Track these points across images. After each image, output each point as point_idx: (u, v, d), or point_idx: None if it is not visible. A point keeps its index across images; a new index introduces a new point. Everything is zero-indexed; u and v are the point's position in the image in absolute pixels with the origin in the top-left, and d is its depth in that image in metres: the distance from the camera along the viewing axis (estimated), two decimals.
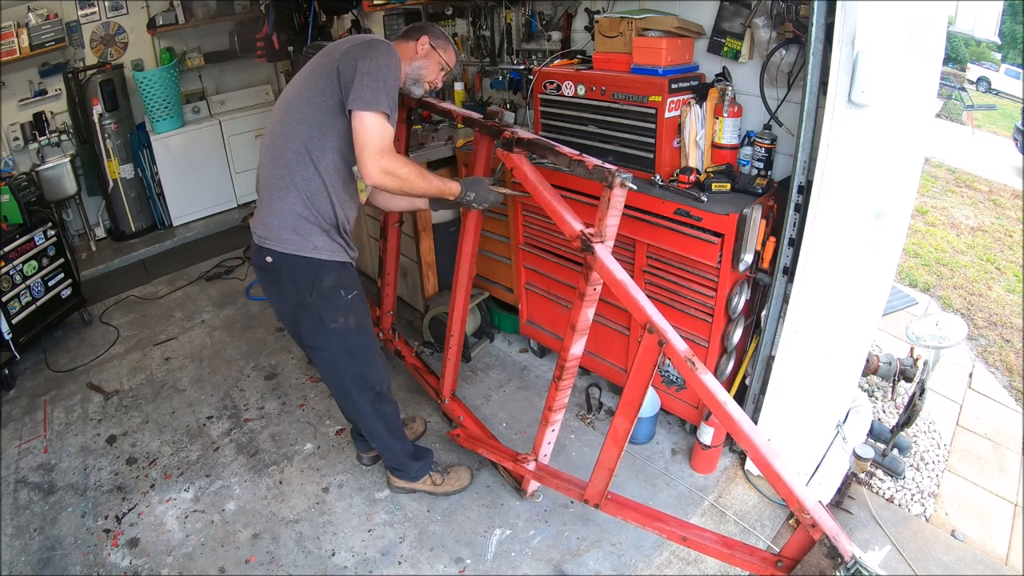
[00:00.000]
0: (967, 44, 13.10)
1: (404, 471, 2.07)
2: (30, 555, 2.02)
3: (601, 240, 1.53)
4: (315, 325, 1.72)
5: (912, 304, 3.48)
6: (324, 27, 4.11)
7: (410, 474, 2.07)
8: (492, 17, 3.00)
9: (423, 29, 1.84)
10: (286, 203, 1.63)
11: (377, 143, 1.54)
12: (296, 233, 1.63)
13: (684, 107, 2.05)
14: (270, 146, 1.70)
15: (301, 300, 1.69)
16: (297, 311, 1.73)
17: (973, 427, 2.60)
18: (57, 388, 2.90)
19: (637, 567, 1.85)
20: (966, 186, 6.34)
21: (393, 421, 1.99)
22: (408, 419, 2.40)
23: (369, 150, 1.54)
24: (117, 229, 4.52)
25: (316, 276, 1.66)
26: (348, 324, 1.73)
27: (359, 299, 1.76)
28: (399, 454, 2.02)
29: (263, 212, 1.68)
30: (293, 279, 1.67)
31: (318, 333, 1.74)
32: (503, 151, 1.76)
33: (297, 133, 1.63)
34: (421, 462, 2.08)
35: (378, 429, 1.96)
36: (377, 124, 1.54)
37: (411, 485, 2.10)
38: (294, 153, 1.63)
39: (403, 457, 2.03)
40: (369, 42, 1.63)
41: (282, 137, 1.65)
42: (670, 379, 2.23)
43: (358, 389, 1.85)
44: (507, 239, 2.70)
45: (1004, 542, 2.04)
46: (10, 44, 3.88)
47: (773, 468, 1.27)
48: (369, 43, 1.62)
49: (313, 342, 1.77)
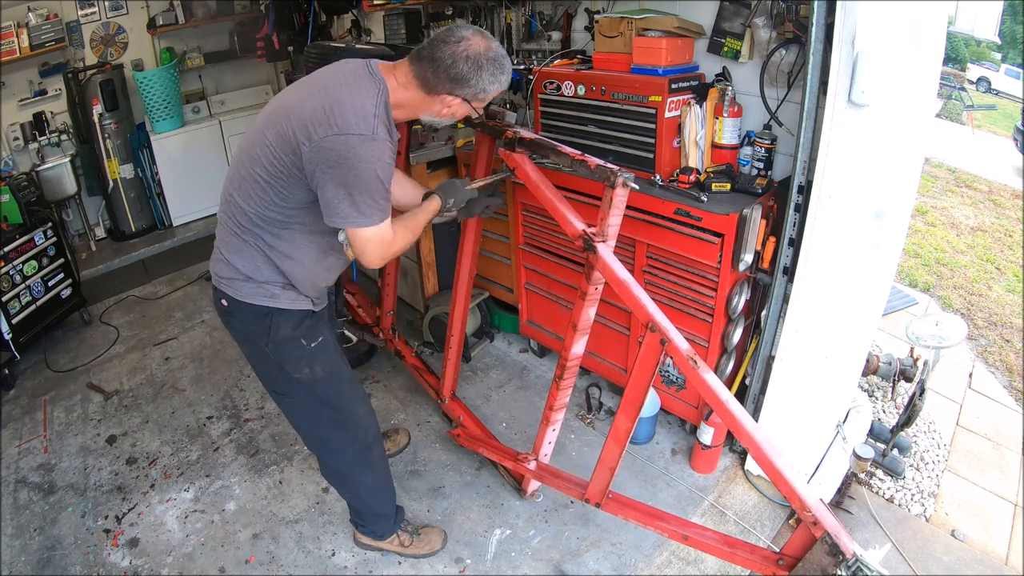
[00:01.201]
0: (967, 44, 13.11)
1: (370, 529, 1.88)
2: (30, 555, 2.02)
3: (603, 239, 1.53)
4: (276, 374, 1.55)
5: (912, 304, 3.48)
6: (324, 27, 4.11)
7: (376, 533, 1.88)
8: (492, 17, 3.00)
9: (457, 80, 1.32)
10: (244, 256, 1.41)
11: (379, 253, 1.37)
12: (251, 281, 1.42)
13: (684, 107, 2.05)
14: (234, 178, 1.40)
15: (258, 349, 1.50)
16: (255, 359, 1.57)
17: (973, 427, 2.60)
18: (57, 388, 2.90)
19: (637, 567, 1.85)
20: (966, 186, 6.35)
21: (383, 475, 1.80)
22: (391, 431, 2.36)
23: (370, 257, 1.36)
24: (117, 229, 4.52)
25: (272, 324, 1.44)
26: (314, 374, 1.53)
27: (325, 346, 1.54)
28: (376, 511, 1.84)
29: (221, 249, 1.45)
30: (246, 326, 1.47)
31: (280, 382, 1.57)
32: (505, 151, 1.76)
33: (251, 207, 1.35)
34: (390, 521, 1.87)
35: (365, 484, 1.76)
36: (377, 236, 1.33)
37: (378, 544, 1.90)
38: (252, 223, 1.37)
39: (376, 516, 1.85)
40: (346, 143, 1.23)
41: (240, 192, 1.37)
42: (670, 379, 2.23)
43: (338, 441, 1.67)
44: (507, 239, 2.70)
45: (1004, 542, 2.04)
46: (10, 44, 3.88)
47: (775, 466, 1.27)
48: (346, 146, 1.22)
49: (277, 388, 1.60)
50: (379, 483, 1.80)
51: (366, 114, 1.25)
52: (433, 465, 2.27)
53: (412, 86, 1.36)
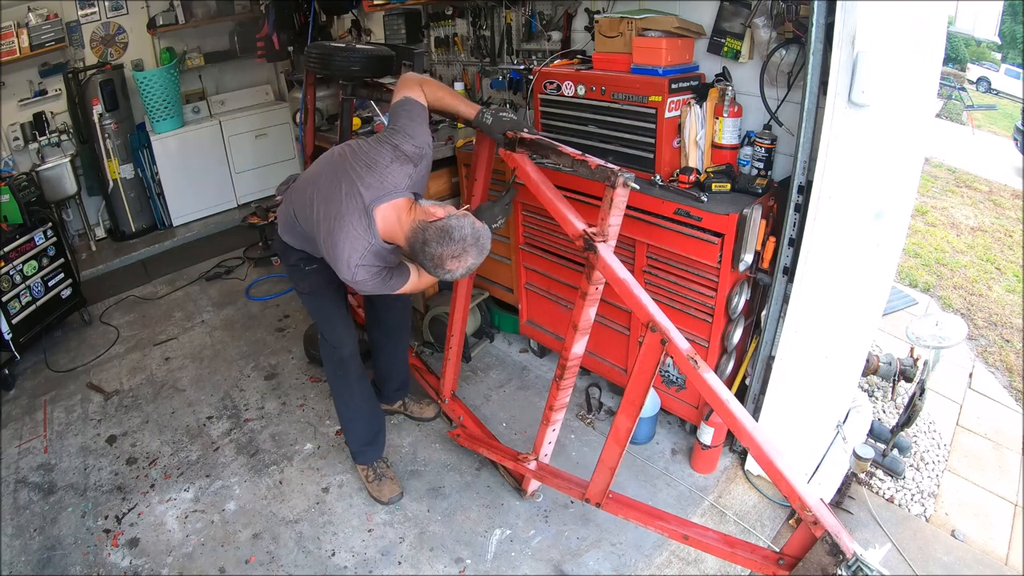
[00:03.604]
0: (967, 44, 13.09)
1: (350, 448, 2.20)
2: (30, 555, 2.02)
3: (604, 239, 1.53)
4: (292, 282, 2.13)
5: (912, 304, 3.48)
6: (324, 27, 4.11)
7: (353, 455, 2.20)
8: (492, 17, 3.00)
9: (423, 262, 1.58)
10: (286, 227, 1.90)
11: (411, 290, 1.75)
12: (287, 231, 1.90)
13: (684, 107, 2.05)
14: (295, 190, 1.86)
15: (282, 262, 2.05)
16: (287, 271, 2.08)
17: (973, 427, 2.60)
18: (57, 388, 2.90)
19: (637, 567, 1.85)
20: (966, 186, 6.34)
21: (358, 402, 2.11)
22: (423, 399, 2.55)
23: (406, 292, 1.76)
24: (117, 229, 4.52)
25: (286, 252, 1.95)
26: (301, 288, 2.04)
27: (316, 272, 1.93)
28: (348, 429, 2.17)
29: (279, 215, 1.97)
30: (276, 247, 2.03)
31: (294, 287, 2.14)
32: (506, 151, 1.76)
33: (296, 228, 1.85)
34: (363, 454, 2.17)
35: (341, 398, 2.12)
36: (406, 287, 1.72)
37: (355, 466, 2.23)
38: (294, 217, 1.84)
39: (349, 434, 2.17)
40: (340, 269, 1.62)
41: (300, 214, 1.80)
42: (670, 379, 2.23)
43: (324, 347, 2.08)
44: (507, 239, 2.70)
45: (1004, 542, 2.04)
46: (10, 44, 3.88)
47: (775, 465, 1.27)
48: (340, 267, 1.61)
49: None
50: (353, 405, 2.11)
51: (349, 263, 1.59)
52: (433, 465, 2.27)
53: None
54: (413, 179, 1.65)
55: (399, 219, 1.59)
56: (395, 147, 1.62)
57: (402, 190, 1.62)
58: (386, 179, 1.60)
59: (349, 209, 1.59)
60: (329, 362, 2.09)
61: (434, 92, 1.76)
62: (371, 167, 1.61)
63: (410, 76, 1.78)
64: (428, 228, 1.50)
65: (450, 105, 1.81)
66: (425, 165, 1.70)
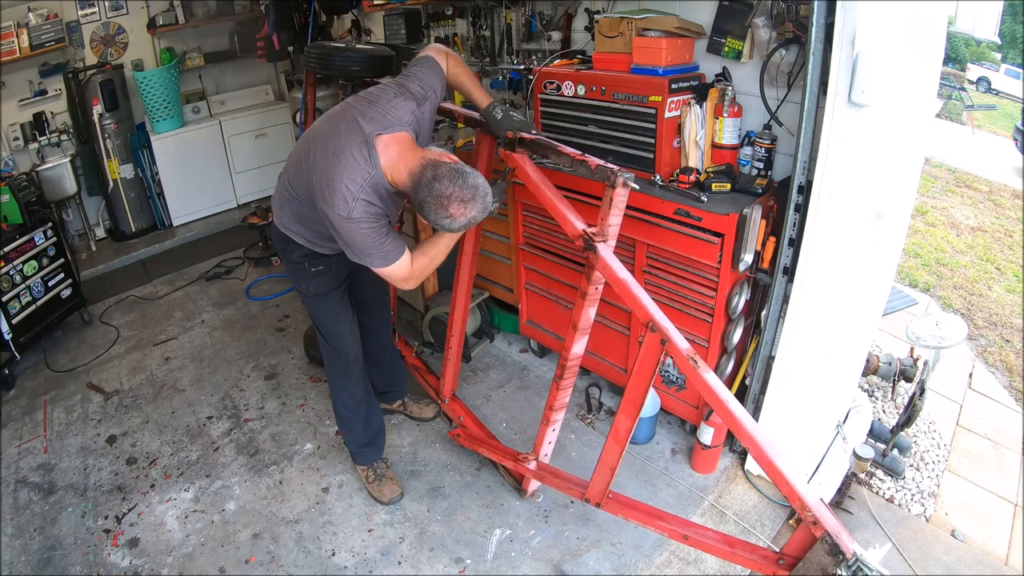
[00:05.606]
0: (967, 44, 13.09)
1: (349, 449, 2.19)
2: (30, 555, 2.02)
3: (603, 239, 1.53)
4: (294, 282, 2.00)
5: (912, 304, 3.48)
6: (324, 27, 4.11)
7: (353, 456, 2.20)
8: (492, 17, 3.00)
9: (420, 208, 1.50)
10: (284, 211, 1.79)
11: (404, 284, 1.64)
12: (282, 212, 1.81)
13: (684, 107, 2.05)
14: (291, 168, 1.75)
15: (284, 263, 1.95)
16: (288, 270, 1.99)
17: (973, 427, 2.60)
18: (57, 388, 2.90)
19: (637, 567, 1.85)
20: (966, 186, 6.34)
21: (359, 402, 2.08)
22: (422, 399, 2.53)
23: (397, 285, 1.67)
24: (117, 229, 4.52)
25: (287, 248, 1.85)
26: (307, 290, 1.93)
27: (322, 275, 1.88)
28: (347, 429, 2.14)
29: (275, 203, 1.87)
30: (277, 244, 1.90)
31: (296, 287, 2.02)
32: (506, 151, 1.76)
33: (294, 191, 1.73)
34: (362, 455, 2.16)
35: (342, 398, 2.08)
36: (392, 271, 1.59)
37: (355, 467, 2.22)
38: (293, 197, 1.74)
39: (348, 434, 2.15)
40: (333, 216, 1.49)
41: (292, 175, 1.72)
42: (670, 379, 2.23)
43: (326, 346, 2.03)
44: (507, 239, 2.70)
45: (1004, 542, 2.04)
46: (10, 44, 3.88)
47: (775, 465, 1.27)
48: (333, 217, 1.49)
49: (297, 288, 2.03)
50: (352, 406, 2.08)
51: (346, 197, 1.47)
52: (433, 465, 2.27)
53: None
54: (416, 118, 1.59)
55: (401, 155, 1.51)
56: (400, 85, 1.61)
57: (405, 124, 1.55)
58: (389, 112, 1.54)
59: (349, 142, 1.50)
60: (333, 365, 2.05)
61: (456, 66, 1.75)
62: (373, 102, 1.56)
63: (438, 45, 1.77)
64: (441, 166, 1.43)
65: (466, 85, 1.78)
66: (430, 109, 1.65)
